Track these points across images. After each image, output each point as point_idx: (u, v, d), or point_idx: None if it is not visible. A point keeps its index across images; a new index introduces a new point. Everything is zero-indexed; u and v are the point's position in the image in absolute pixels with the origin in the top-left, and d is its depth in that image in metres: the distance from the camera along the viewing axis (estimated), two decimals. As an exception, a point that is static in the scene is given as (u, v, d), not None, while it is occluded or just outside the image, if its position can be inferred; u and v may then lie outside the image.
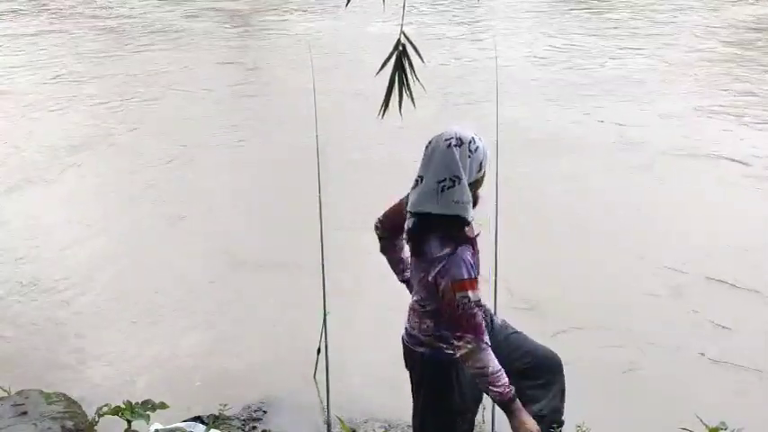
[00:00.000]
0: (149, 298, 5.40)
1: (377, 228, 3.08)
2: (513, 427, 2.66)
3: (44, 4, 14.99)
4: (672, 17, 13.53)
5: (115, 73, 10.84)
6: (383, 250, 3.13)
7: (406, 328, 2.94)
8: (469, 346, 2.59)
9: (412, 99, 2.02)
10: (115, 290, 5.52)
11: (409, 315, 2.91)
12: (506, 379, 2.62)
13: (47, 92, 9.99)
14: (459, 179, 2.60)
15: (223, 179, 7.37)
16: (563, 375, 3.12)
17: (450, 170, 2.60)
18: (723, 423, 2.76)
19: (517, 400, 2.63)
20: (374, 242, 3.13)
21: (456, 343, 2.63)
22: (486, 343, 2.61)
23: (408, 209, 2.72)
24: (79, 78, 10.62)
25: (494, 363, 2.61)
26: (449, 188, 2.59)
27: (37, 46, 12.33)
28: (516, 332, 3.12)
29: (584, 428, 3.76)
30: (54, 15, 14.47)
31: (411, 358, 2.94)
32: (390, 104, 2.08)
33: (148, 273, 5.74)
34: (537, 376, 3.03)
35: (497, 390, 2.61)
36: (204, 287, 5.50)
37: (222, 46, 12.46)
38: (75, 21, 13.81)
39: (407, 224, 2.76)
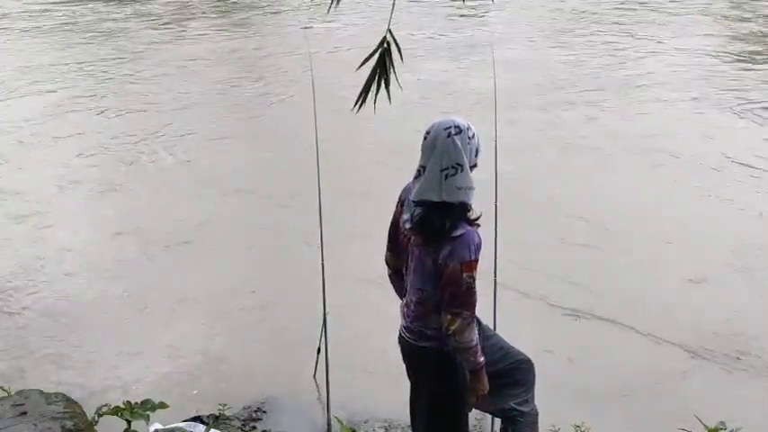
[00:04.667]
0: (148, 297, 5.40)
1: (387, 261, 3.12)
2: (472, 385, 2.93)
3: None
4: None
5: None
6: (392, 280, 3.17)
7: (405, 326, 2.98)
8: (466, 321, 2.76)
9: (389, 96, 2.07)
10: (115, 289, 5.53)
11: (408, 312, 2.95)
12: (480, 350, 2.85)
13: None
14: (462, 166, 2.70)
15: (219, 177, 7.37)
16: (534, 375, 3.25)
17: (452, 158, 2.70)
18: (722, 423, 2.77)
19: (483, 367, 2.90)
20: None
21: (449, 317, 2.76)
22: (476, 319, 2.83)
23: (412, 198, 2.79)
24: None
25: (477, 337, 2.83)
26: (452, 176, 2.70)
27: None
28: (495, 334, 3.27)
29: (583, 428, 3.78)
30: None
31: (415, 354, 2.99)
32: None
33: (147, 272, 5.75)
34: (511, 376, 3.17)
35: (476, 360, 2.85)
36: (203, 286, 5.50)
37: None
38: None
39: (410, 215, 2.80)
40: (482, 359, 2.87)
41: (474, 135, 2.76)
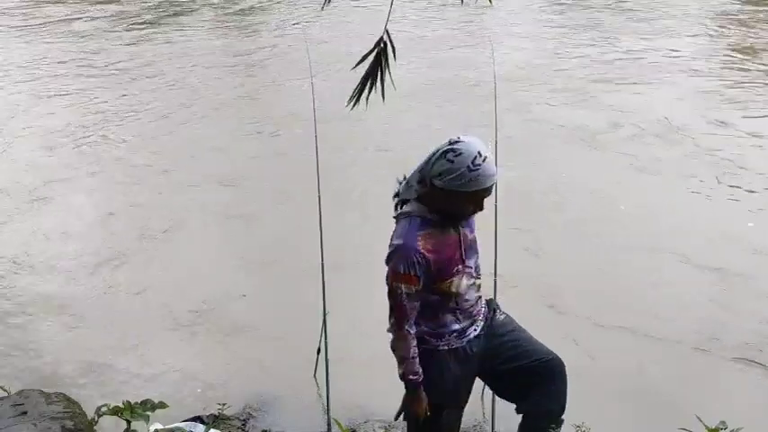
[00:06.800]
0: (147, 295, 5.40)
1: None
2: (404, 401, 2.94)
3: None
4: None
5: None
6: None
7: None
8: (392, 329, 2.83)
9: (383, 94, 2.09)
10: (112, 287, 5.53)
11: None
12: (417, 367, 2.83)
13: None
14: (419, 171, 2.76)
15: (216, 174, 7.37)
16: (563, 377, 3.05)
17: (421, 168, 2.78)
18: (723, 423, 2.76)
19: (420, 388, 2.86)
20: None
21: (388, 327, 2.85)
22: (407, 331, 2.80)
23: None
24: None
25: (407, 351, 2.82)
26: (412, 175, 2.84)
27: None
28: (519, 329, 3.10)
29: (583, 428, 3.77)
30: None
31: None
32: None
33: (145, 270, 5.75)
34: (531, 375, 3.01)
35: (400, 371, 2.86)
36: (202, 286, 5.50)
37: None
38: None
39: None
40: (411, 377, 2.84)
41: (458, 156, 2.60)
